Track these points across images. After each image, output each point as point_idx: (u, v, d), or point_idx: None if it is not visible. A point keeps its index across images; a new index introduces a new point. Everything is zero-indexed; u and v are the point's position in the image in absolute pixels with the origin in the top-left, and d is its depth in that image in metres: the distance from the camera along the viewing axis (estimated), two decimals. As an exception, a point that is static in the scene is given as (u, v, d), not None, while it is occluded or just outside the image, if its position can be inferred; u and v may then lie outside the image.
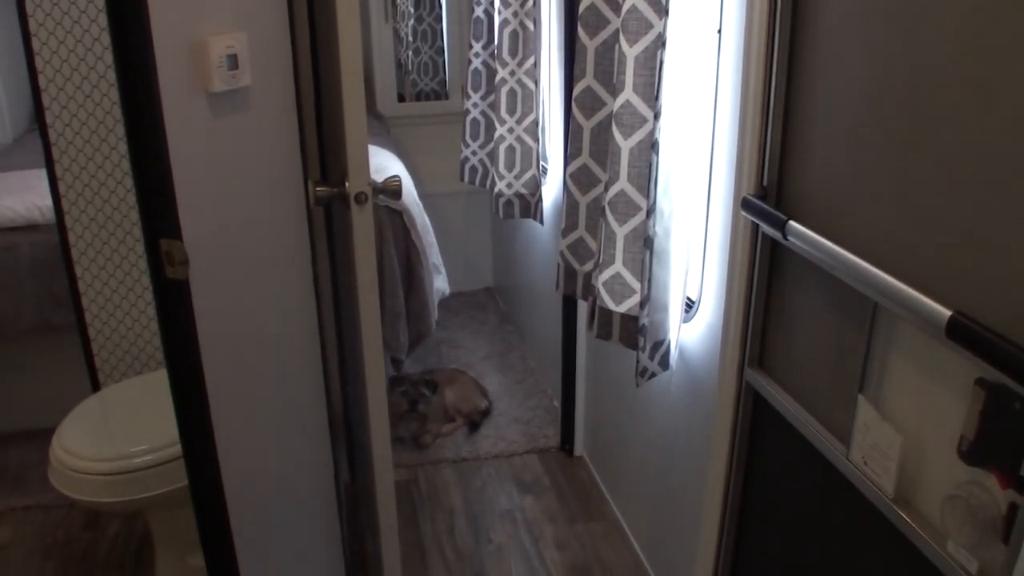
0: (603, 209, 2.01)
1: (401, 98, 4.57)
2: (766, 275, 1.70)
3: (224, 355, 1.66)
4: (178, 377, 1.58)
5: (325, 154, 1.96)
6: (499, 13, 2.91)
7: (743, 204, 1.66)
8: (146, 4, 1.33)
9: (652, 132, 1.86)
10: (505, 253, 4.26)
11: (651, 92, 1.84)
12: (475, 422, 3.25)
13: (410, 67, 4.70)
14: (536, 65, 2.91)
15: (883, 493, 1.33)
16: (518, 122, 3.00)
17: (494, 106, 3.29)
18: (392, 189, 1.85)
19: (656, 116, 1.81)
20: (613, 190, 1.95)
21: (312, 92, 1.88)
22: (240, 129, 1.58)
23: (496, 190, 3.11)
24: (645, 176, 1.91)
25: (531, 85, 2.94)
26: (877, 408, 1.37)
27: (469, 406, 3.26)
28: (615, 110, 1.89)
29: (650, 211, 1.85)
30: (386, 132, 4.06)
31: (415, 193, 3.15)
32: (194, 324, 1.53)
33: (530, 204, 3.11)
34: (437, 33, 4.69)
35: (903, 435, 1.29)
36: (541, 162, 3.06)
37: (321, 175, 1.99)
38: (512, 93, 2.98)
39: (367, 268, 1.83)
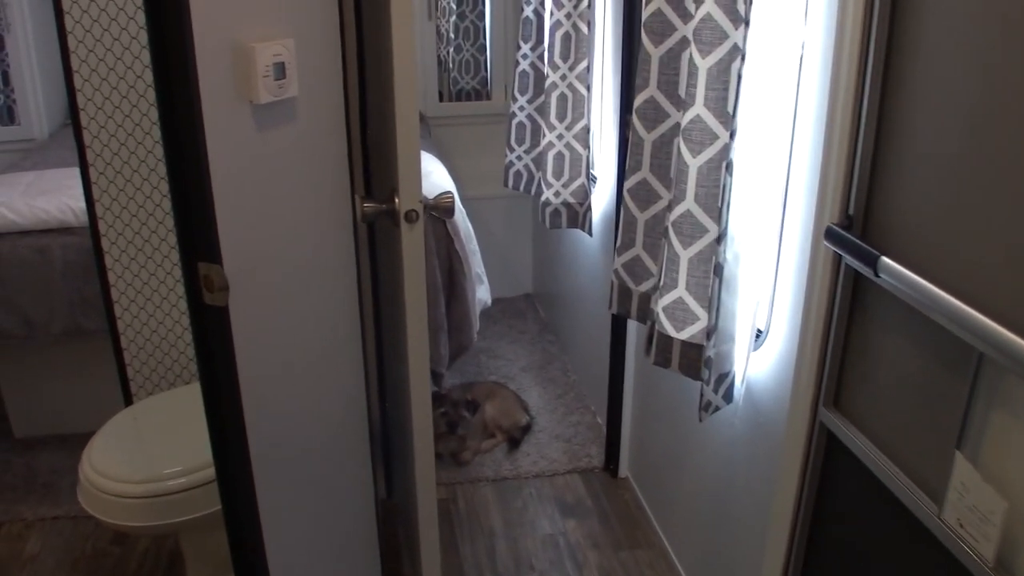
0: (666, 229, 1.88)
1: (441, 97, 4.46)
2: (847, 310, 1.57)
3: (264, 378, 1.56)
4: (215, 407, 1.48)
5: (370, 167, 1.84)
6: (551, 14, 2.78)
7: (826, 234, 1.53)
8: (186, 3, 1.22)
9: (724, 150, 1.73)
10: (546, 260, 4.13)
11: (723, 107, 1.71)
12: (515, 438, 3.14)
13: (451, 65, 4.59)
14: (589, 70, 2.78)
15: (982, 560, 1.20)
16: (568, 128, 2.88)
17: (542, 110, 3.17)
18: (444, 207, 1.73)
19: (732, 134, 1.68)
20: (678, 210, 1.82)
21: (358, 101, 1.76)
22: (286, 143, 1.46)
23: (543, 198, 2.99)
24: (715, 197, 1.78)
25: (583, 90, 2.81)
26: (977, 467, 1.24)
27: (509, 422, 3.14)
28: (684, 125, 1.76)
29: (721, 236, 1.72)
30: (427, 133, 3.95)
31: (459, 203, 3.03)
32: (233, 354, 1.43)
33: (578, 214, 2.99)
34: (480, 31, 4.57)
35: (1008, 500, 1.16)
36: (590, 170, 2.93)
37: (365, 189, 1.88)
38: (563, 98, 2.86)
39: (416, 289, 1.72)
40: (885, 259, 1.37)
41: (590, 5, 2.71)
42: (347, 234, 1.72)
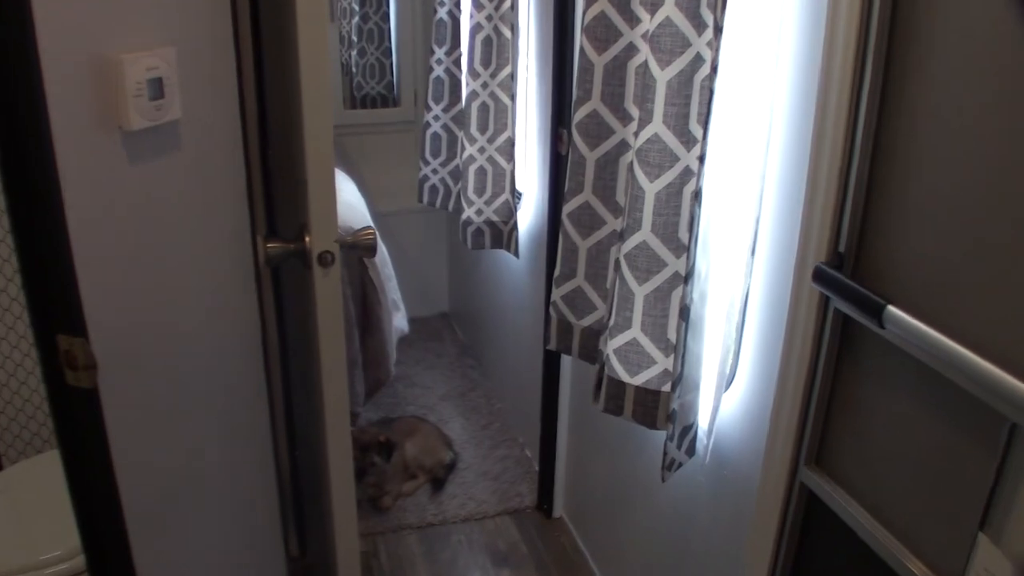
0: (617, 263, 1.66)
1: (345, 103, 4.16)
2: (834, 358, 1.38)
3: (145, 451, 1.26)
4: (84, 502, 1.18)
5: (272, 198, 1.56)
6: (471, 17, 2.53)
7: (815, 275, 1.32)
8: (28, 4, 0.93)
9: (686, 174, 1.51)
10: (463, 277, 3.88)
11: (685, 124, 1.49)
12: (439, 478, 2.87)
13: (354, 69, 4.29)
14: (513, 77, 2.54)
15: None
16: (489, 141, 2.63)
17: (459, 120, 2.92)
18: (366, 245, 1.47)
19: (700, 157, 1.46)
20: (632, 241, 1.60)
21: (256, 120, 1.48)
22: (167, 178, 1.17)
23: (464, 216, 2.74)
24: (674, 226, 1.56)
25: (506, 100, 2.57)
26: (1006, 552, 1.05)
27: (432, 460, 2.88)
28: (639, 144, 1.53)
29: (688, 275, 1.50)
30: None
31: (371, 221, 2.75)
32: (105, 442, 1.13)
33: (502, 233, 2.74)
34: (384, 33, 4.28)
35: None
36: (515, 186, 2.69)
37: (268, 227, 1.59)
38: (483, 108, 2.61)
39: (331, 340, 1.45)
40: (893, 309, 1.17)
41: (513, 7, 2.47)
42: (247, 280, 1.43)
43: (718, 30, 1.34)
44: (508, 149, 2.61)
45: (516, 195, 2.73)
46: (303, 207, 1.37)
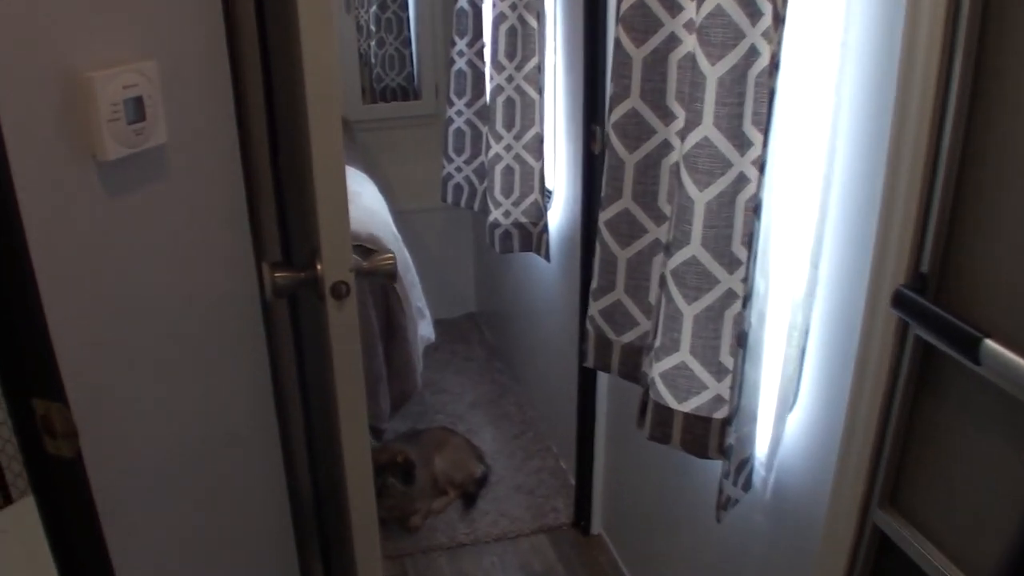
0: (663, 279, 1.50)
1: (364, 96, 4.00)
2: (913, 390, 1.21)
3: (141, 509, 1.13)
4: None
5: (287, 222, 1.41)
6: (493, 6, 2.37)
7: (895, 300, 1.16)
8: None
9: (740, 181, 1.35)
10: (491, 275, 3.72)
11: (738, 126, 1.33)
12: (471, 493, 2.73)
13: (373, 60, 4.13)
14: (540, 70, 2.38)
15: None
16: (516, 138, 2.47)
17: (484, 116, 2.76)
18: (385, 271, 1.32)
19: (760, 164, 1.30)
20: (680, 256, 1.44)
21: (266, 136, 1.32)
22: (153, 211, 1.03)
23: (491, 219, 2.58)
24: (726, 239, 1.40)
25: (533, 93, 2.41)
26: None
27: (463, 474, 2.73)
28: (687, 150, 1.37)
29: (747, 296, 1.34)
30: (351, 140, 3.50)
31: (393, 226, 2.60)
32: (94, 515, 1.00)
33: (532, 235, 2.59)
34: (403, 22, 4.11)
35: None
36: (545, 185, 2.53)
37: (282, 252, 1.44)
38: (509, 103, 2.44)
39: (350, 380, 1.30)
40: (992, 343, 1.00)
41: (539, -7, 2.30)
42: (252, 316, 1.28)
43: (778, 19, 1.17)
44: (536, 146, 2.45)
45: (546, 194, 2.56)
46: (313, 232, 1.22)
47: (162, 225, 1.04)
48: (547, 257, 2.55)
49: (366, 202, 2.57)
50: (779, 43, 1.17)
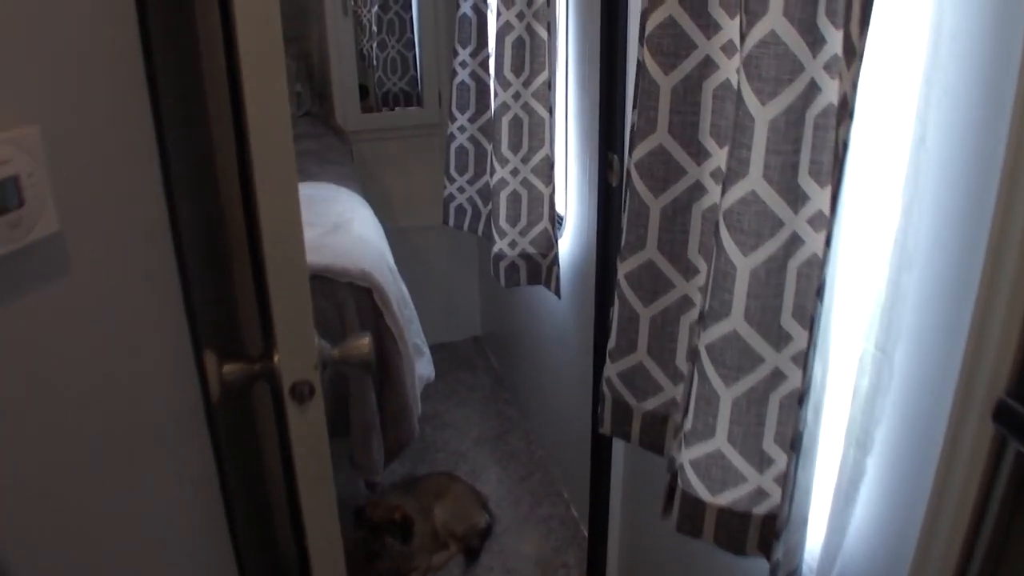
0: (695, 353, 1.26)
1: (363, 95, 3.75)
2: (1008, 512, 0.97)
3: None
4: None
5: (237, 294, 1.16)
6: (498, 15, 2.12)
7: (996, 412, 0.91)
8: None
9: (792, 243, 1.10)
10: (496, 297, 3.47)
11: (792, 178, 1.08)
12: (474, 547, 2.49)
13: (375, 62, 3.89)
14: (550, 86, 2.13)
15: None
16: (524, 161, 2.23)
17: (487, 131, 2.52)
18: (359, 360, 1.08)
19: (819, 222, 1.05)
20: (717, 329, 1.19)
21: (236, 172, 1.07)
22: (46, 318, 0.78)
23: (495, 250, 2.33)
24: (774, 311, 1.15)
25: (542, 112, 2.16)
26: None
27: (465, 526, 2.50)
28: (729, 205, 1.12)
29: (805, 392, 1.09)
30: (348, 153, 3.26)
31: (389, 256, 2.36)
32: None
33: (541, 267, 2.34)
34: (406, 23, 3.87)
35: None
36: (555, 211, 2.28)
37: (228, 336, 1.19)
38: (516, 122, 2.20)
39: (318, 489, 1.06)
40: None
41: (549, 2, 2.06)
42: (191, 420, 1.03)
43: (851, 52, 0.92)
44: (546, 170, 2.21)
45: (556, 221, 2.32)
46: (267, 317, 0.98)
47: (60, 331, 0.80)
48: (557, 292, 2.30)
49: (359, 230, 2.33)
50: (853, 83, 0.92)
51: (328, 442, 1.05)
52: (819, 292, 1.03)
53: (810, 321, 1.07)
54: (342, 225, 2.32)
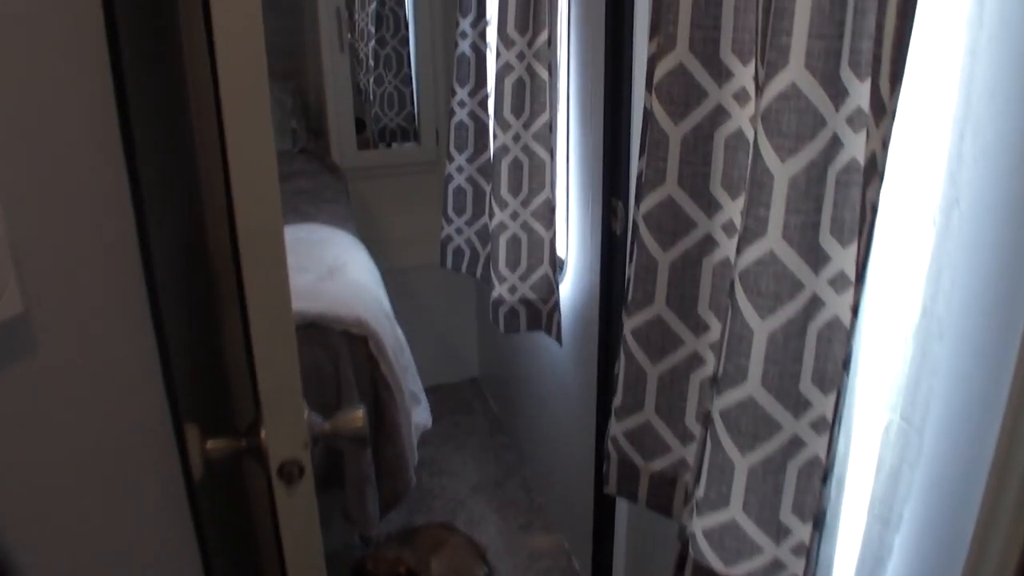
0: (708, 419, 1.19)
1: (363, 142, 3.70)
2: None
3: None
4: None
5: (225, 364, 1.09)
6: (498, 55, 2.07)
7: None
8: None
9: (812, 306, 1.04)
10: (495, 338, 3.40)
11: (813, 238, 1.02)
12: (471, 602, 2.40)
13: (372, 96, 3.85)
14: (551, 128, 2.08)
15: None
16: (524, 204, 2.17)
17: (486, 172, 2.46)
18: (352, 435, 1.01)
19: (842, 284, 0.99)
20: (732, 395, 1.13)
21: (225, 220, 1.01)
22: (11, 403, 0.72)
23: (495, 295, 2.27)
24: (793, 377, 1.09)
25: (543, 154, 2.10)
26: None
27: (463, 580, 2.41)
28: (745, 266, 1.06)
29: (828, 472, 1.02)
30: (344, 192, 3.19)
31: (386, 302, 2.29)
32: None
33: (541, 313, 2.27)
34: (403, 59, 3.83)
35: None
36: (556, 255, 2.22)
37: (218, 407, 1.12)
38: (516, 165, 2.14)
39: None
40: None
41: (550, 42, 2.00)
42: (173, 502, 0.96)
43: (880, 108, 0.86)
44: (547, 213, 2.15)
45: (558, 265, 2.26)
46: (254, 391, 0.91)
47: (26, 417, 0.73)
48: (559, 339, 2.23)
49: (354, 275, 2.26)
50: (883, 142, 0.86)
51: (319, 524, 0.98)
52: (845, 364, 0.96)
53: (836, 394, 1.00)
54: (337, 270, 2.25)
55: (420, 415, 2.39)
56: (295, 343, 0.91)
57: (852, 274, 1.02)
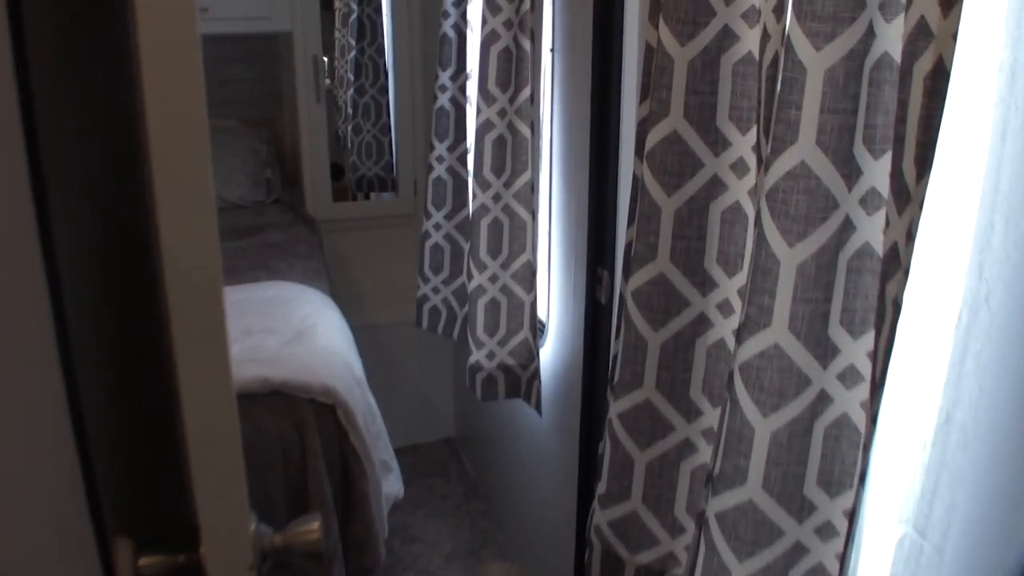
0: (703, 519, 1.08)
1: (340, 190, 3.61)
2: None
3: None
4: None
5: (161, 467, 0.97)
6: (478, 112, 1.98)
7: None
8: None
9: (820, 402, 0.94)
10: (471, 397, 3.27)
11: (822, 329, 0.92)
12: None
13: (349, 145, 3.77)
14: (533, 188, 1.99)
15: None
16: (503, 266, 2.07)
17: (464, 230, 2.36)
18: (305, 550, 0.89)
19: (851, 378, 0.89)
20: (730, 498, 1.02)
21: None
22: None
23: (472, 360, 2.16)
24: (797, 479, 0.99)
25: (524, 215, 2.01)
26: None
27: (433, 661, 2.27)
28: (746, 358, 0.96)
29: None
30: (318, 245, 3.09)
31: (357, 366, 2.17)
32: None
33: (520, 380, 2.17)
34: (382, 108, 3.75)
35: None
36: (537, 319, 2.11)
37: (154, 515, 1.00)
38: (495, 225, 2.05)
39: None
40: None
41: (532, 99, 1.92)
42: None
43: (905, 196, 0.77)
44: (527, 276, 2.05)
45: (539, 330, 2.15)
46: (190, 499, 0.79)
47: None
48: (538, 409, 2.12)
49: (323, 338, 2.14)
50: (908, 233, 0.76)
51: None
52: (862, 478, 0.86)
53: (847, 498, 0.89)
54: (305, 332, 2.14)
55: (391, 485, 2.27)
56: (240, 445, 0.80)
57: (863, 368, 0.93)
